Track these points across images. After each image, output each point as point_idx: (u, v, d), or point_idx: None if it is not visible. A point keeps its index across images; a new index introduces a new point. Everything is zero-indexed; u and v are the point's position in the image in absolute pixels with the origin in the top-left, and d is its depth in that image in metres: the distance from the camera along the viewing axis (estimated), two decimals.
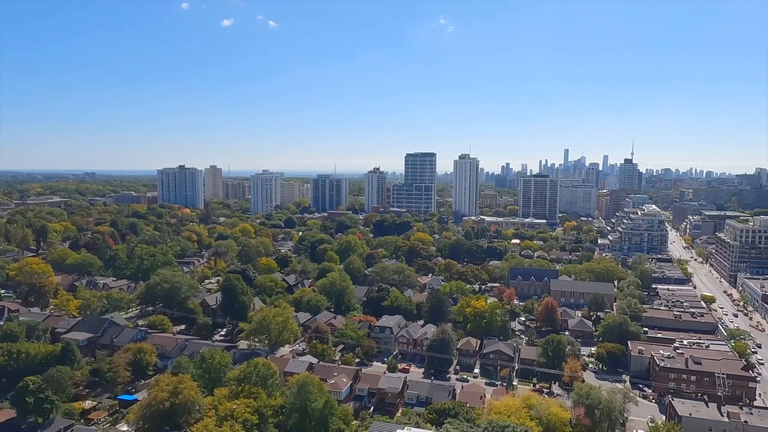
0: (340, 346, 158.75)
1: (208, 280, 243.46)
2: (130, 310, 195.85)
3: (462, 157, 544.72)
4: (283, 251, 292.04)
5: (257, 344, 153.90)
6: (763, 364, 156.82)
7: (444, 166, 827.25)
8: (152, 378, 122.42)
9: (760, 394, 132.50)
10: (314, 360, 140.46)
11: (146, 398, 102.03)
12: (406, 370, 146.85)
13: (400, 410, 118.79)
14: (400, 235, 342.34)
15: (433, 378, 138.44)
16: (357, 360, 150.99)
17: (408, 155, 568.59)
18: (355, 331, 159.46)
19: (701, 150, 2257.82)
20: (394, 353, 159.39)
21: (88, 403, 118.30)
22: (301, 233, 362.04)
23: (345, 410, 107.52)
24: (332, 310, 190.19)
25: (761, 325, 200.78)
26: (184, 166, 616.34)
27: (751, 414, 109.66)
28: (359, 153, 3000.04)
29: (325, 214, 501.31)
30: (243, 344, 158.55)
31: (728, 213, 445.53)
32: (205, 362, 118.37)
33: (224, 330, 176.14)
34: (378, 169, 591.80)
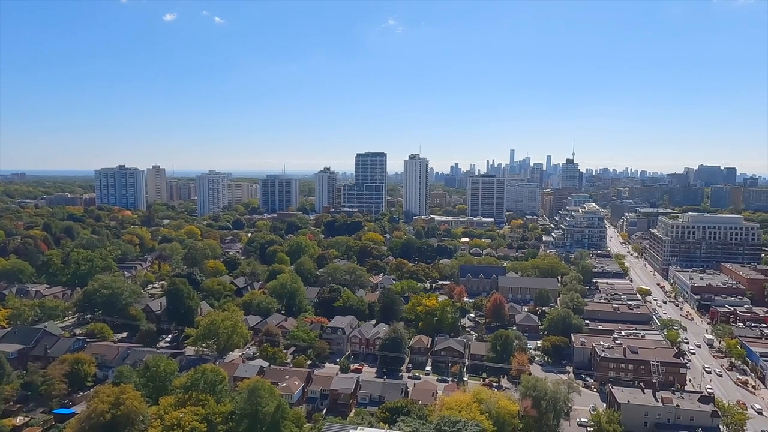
0: (292, 349, 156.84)
1: (151, 285, 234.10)
2: (66, 318, 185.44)
3: (412, 157, 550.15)
4: (231, 253, 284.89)
5: (205, 350, 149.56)
6: (694, 353, 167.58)
7: (394, 166, 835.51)
8: (91, 389, 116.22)
9: (690, 379, 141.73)
10: (265, 363, 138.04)
11: (85, 411, 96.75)
12: (358, 370, 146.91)
13: (353, 411, 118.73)
14: (352, 235, 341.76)
15: (385, 377, 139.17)
16: (309, 362, 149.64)
17: (359, 155, 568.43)
18: (306, 333, 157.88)
19: (636, 151, 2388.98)
20: (347, 354, 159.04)
21: (19, 420, 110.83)
22: (250, 235, 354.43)
23: (297, 413, 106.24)
24: (283, 312, 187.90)
25: (690, 314, 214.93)
26: (124, 166, 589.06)
27: (682, 398, 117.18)
28: (309, 153, 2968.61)
29: (275, 215, 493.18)
30: (190, 350, 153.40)
31: (660, 210, 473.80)
32: (149, 370, 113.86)
33: (170, 336, 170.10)
34: (328, 169, 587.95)
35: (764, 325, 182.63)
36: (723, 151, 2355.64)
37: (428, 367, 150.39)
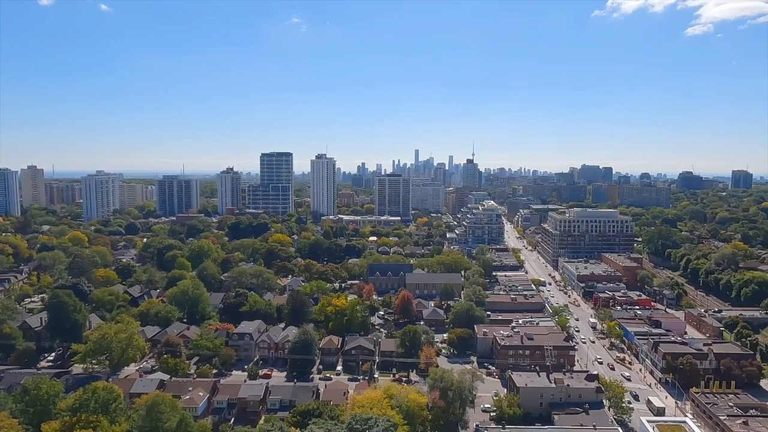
0: (196, 359, 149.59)
1: (29, 299, 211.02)
2: None
3: (319, 157, 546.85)
4: (124, 260, 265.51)
5: (96, 366, 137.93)
6: (585, 341, 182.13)
7: (301, 165, 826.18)
8: None
9: (578, 360, 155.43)
10: (166, 376, 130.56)
11: None
12: (267, 376, 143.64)
13: (263, 417, 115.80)
14: (258, 237, 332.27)
15: (296, 380, 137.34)
16: (215, 371, 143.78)
17: (263, 155, 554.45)
18: (211, 341, 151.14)
19: (529, 152, 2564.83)
20: (255, 359, 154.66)
21: None
22: (146, 240, 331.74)
23: (203, 426, 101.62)
24: (185, 320, 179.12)
25: (577, 301, 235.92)
26: None
27: (572, 378, 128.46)
28: (210, 153, 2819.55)
29: (174, 218, 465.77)
30: (78, 368, 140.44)
31: (550, 206, 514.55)
32: (28, 394, 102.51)
33: (53, 354, 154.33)
34: (232, 169, 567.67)
35: (638, 307, 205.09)
36: (601, 152, 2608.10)
37: (339, 367, 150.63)
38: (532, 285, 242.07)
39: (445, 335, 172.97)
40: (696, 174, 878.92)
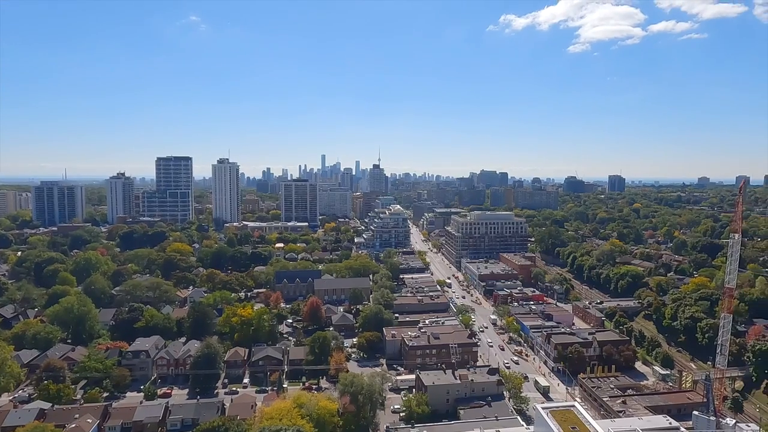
0: (83, 382, 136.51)
1: None
2: None
3: (221, 161, 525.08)
4: None
5: None
6: (491, 341, 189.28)
7: (202, 170, 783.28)
8: None
9: (480, 356, 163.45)
10: (47, 405, 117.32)
11: None
12: (167, 395, 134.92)
13: None
14: (154, 246, 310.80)
15: (199, 397, 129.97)
16: (106, 394, 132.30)
17: (160, 159, 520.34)
18: (101, 362, 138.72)
19: (432, 157, 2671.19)
20: (153, 378, 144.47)
21: None
22: (20, 253, 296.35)
23: None
24: (70, 341, 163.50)
25: (479, 299, 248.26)
26: None
27: (475, 373, 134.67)
28: (98, 156, 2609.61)
29: (55, 229, 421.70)
30: None
31: (453, 210, 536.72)
32: None
33: None
34: (123, 174, 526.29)
35: (532, 302, 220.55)
36: (498, 158, 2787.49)
37: (246, 380, 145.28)
38: (438, 286, 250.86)
39: (354, 340, 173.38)
40: (579, 179, 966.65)
